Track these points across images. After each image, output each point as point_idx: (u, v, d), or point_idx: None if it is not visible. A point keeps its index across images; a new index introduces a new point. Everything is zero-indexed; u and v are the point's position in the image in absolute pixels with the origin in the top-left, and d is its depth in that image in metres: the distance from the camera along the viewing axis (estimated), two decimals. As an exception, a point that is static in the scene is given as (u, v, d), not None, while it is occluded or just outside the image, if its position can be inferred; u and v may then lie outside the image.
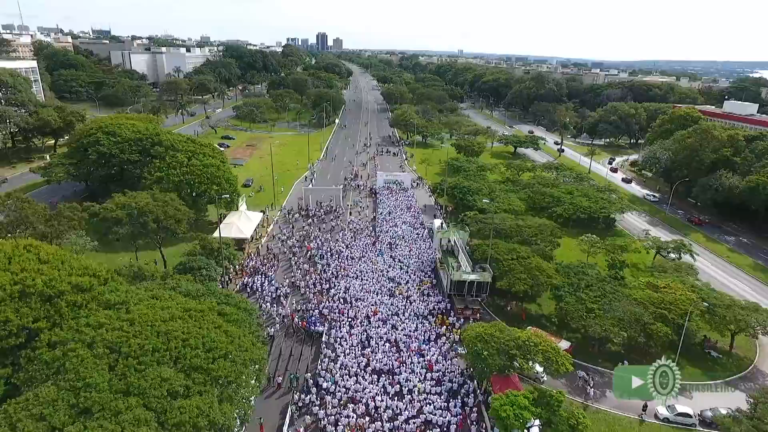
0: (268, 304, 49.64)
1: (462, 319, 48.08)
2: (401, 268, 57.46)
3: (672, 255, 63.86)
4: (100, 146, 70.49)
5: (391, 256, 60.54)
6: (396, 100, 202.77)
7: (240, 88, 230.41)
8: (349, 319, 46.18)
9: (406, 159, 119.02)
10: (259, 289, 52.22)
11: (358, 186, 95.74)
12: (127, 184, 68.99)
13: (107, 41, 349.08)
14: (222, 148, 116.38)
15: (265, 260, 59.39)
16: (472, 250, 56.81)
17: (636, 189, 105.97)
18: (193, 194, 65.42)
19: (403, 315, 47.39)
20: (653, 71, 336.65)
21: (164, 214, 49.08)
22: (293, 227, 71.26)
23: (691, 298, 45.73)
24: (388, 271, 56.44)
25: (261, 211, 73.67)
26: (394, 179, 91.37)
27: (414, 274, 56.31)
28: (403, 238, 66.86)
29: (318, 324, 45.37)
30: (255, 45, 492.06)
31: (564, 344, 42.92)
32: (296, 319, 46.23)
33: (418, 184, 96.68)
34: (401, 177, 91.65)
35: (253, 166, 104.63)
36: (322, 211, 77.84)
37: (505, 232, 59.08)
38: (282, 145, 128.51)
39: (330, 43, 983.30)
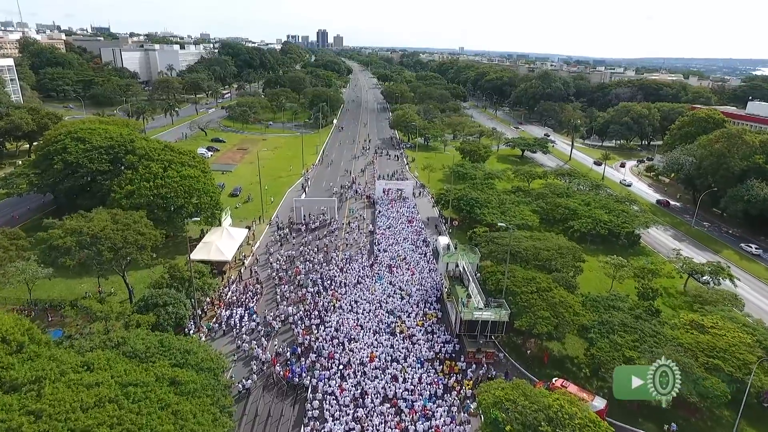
0: (247, 344, 42.42)
1: (474, 365, 40.86)
2: (402, 298, 50.15)
3: (707, 278, 56.57)
4: (67, 154, 63.21)
5: (390, 282, 53.21)
6: (397, 99, 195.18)
7: (235, 86, 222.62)
8: (341, 367, 38.91)
9: (408, 164, 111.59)
10: (237, 325, 44.97)
11: (357, 192, 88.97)
12: (96, 198, 62.01)
13: (102, 38, 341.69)
14: (210, 153, 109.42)
15: (248, 287, 52.10)
16: (484, 277, 49.49)
17: (651, 194, 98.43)
18: (171, 208, 58.13)
19: (405, 361, 40.11)
20: (660, 69, 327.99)
21: (123, 240, 41.75)
22: (281, 245, 64.00)
23: (748, 343, 38.47)
24: (387, 302, 49.14)
25: (246, 227, 66.42)
26: (394, 188, 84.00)
27: (417, 305, 49.02)
28: (404, 259, 59.54)
29: (304, 373, 38.13)
30: (255, 42, 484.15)
31: (599, 403, 35.63)
32: (278, 367, 38.96)
33: (420, 192, 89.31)
34: (402, 185, 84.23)
35: (243, 172, 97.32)
36: (317, 223, 70.67)
37: (521, 255, 51.70)
38: (275, 148, 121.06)
39: (330, 40, 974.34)
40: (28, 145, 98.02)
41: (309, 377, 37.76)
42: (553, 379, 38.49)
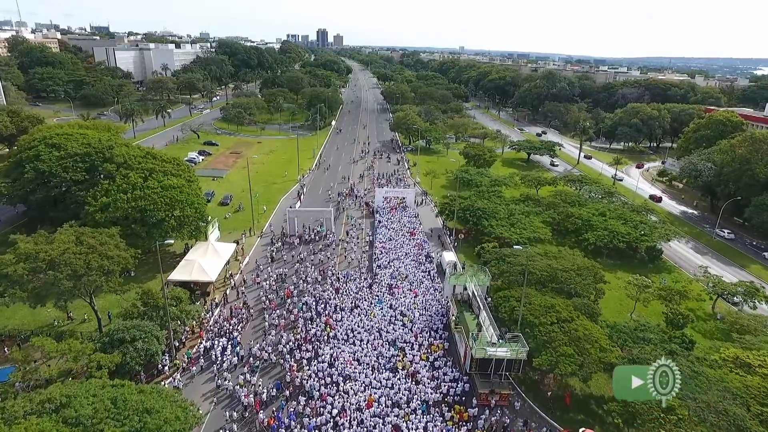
0: (228, 382, 37.29)
1: (487, 409, 35.72)
2: (404, 325, 44.98)
3: (738, 299, 51.45)
4: (40, 162, 57.98)
5: (390, 306, 48.01)
6: (397, 99, 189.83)
7: (232, 86, 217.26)
8: (334, 414, 33.76)
9: (409, 168, 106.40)
10: (219, 359, 39.83)
11: (357, 196, 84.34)
12: (69, 210, 56.73)
13: (98, 37, 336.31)
14: (201, 157, 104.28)
15: (233, 312, 46.94)
16: (496, 303, 44.39)
17: (669, 204, 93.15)
18: (150, 222, 52.93)
19: (408, 406, 34.95)
20: (667, 69, 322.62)
21: (86, 266, 36.55)
22: (272, 260, 58.85)
23: (804, 386, 33.28)
24: (387, 330, 43.98)
25: (234, 241, 61.23)
26: (395, 196, 78.84)
27: (420, 334, 43.86)
28: (405, 277, 54.35)
29: (293, 422, 33.00)
30: (254, 42, 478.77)
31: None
32: (262, 414, 33.80)
33: (422, 200, 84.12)
34: (403, 193, 79.00)
35: (236, 178, 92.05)
36: (312, 236, 65.64)
37: (536, 276, 46.51)
38: (270, 152, 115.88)
39: (330, 39, 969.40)
40: (8, 150, 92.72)
41: (297, 427, 32.63)
42: (581, 431, 33.32)
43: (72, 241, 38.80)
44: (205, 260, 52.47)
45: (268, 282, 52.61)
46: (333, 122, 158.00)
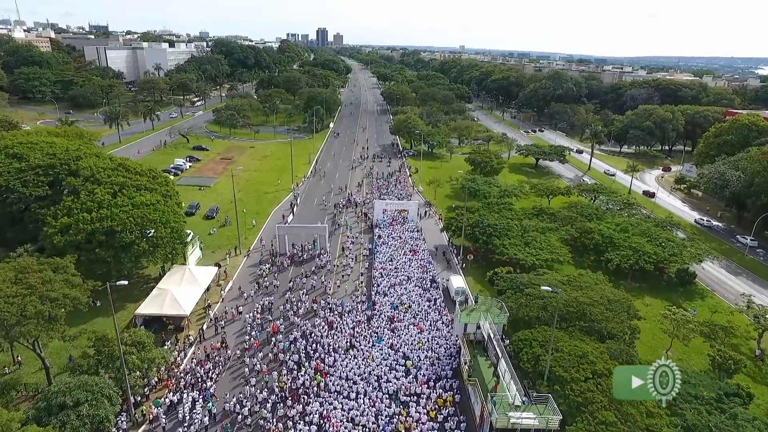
0: (197, 451, 30.84)
1: (510, 490, 29.26)
2: (407, 371, 38.46)
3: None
4: (-4, 176, 51.51)
5: (391, 346, 41.43)
6: (397, 101, 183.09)
7: (227, 87, 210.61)
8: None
9: (410, 175, 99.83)
10: (187, 417, 33.33)
11: (356, 204, 79.01)
12: (28, 231, 50.39)
13: (92, 36, 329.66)
14: (189, 164, 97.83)
15: (209, 355, 40.44)
16: (516, 348, 37.90)
17: (683, 210, 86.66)
18: (118, 246, 46.41)
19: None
20: (675, 69, 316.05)
21: (19, 313, 29.99)
22: (258, 286, 52.35)
23: None
24: (388, 379, 37.46)
25: (216, 264, 54.74)
26: (396, 208, 72.36)
27: (426, 383, 37.32)
28: (408, 307, 47.85)
29: None
30: (253, 41, 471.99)
31: None
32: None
33: (426, 212, 77.57)
34: (405, 206, 72.44)
35: (224, 188, 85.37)
36: (304, 256, 59.29)
37: (561, 312, 40.01)
38: (264, 157, 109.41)
39: (330, 38, 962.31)
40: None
41: None
42: None
43: (9, 280, 32.25)
44: (180, 290, 46.04)
45: (252, 314, 46.08)
46: (331, 124, 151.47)
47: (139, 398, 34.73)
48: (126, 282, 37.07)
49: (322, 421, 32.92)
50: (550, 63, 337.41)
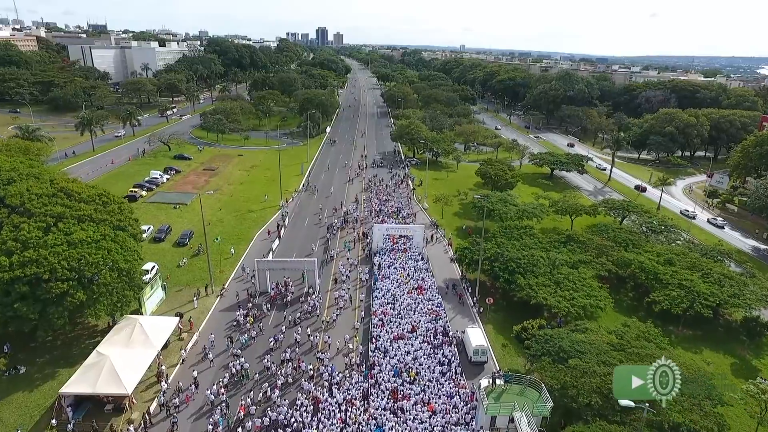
0: None
1: None
2: (417, 483, 28.44)
3: None
4: None
5: (395, 439, 31.46)
6: (399, 103, 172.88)
7: (218, 88, 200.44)
8: None
9: (414, 188, 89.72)
10: None
11: (354, 221, 70.76)
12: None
13: (84, 35, 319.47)
14: (166, 176, 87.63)
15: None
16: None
17: (725, 231, 76.47)
18: (46, 297, 36.32)
19: None
20: (690, 69, 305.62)
21: None
22: (231, 342, 42.29)
23: None
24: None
25: (177, 314, 44.68)
26: (399, 233, 62.36)
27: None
28: (417, 374, 37.78)
29: None
30: (251, 40, 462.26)
31: None
32: None
33: (433, 235, 67.47)
34: (408, 230, 62.30)
35: (205, 204, 75.09)
36: (289, 297, 49.25)
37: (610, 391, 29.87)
38: (252, 167, 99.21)
39: (330, 38, 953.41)
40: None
41: None
42: None
43: None
44: (126, 354, 36.08)
45: (217, 386, 35.97)
46: (328, 128, 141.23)
47: None
48: (23, 369, 26.99)
49: None
50: (557, 63, 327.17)
